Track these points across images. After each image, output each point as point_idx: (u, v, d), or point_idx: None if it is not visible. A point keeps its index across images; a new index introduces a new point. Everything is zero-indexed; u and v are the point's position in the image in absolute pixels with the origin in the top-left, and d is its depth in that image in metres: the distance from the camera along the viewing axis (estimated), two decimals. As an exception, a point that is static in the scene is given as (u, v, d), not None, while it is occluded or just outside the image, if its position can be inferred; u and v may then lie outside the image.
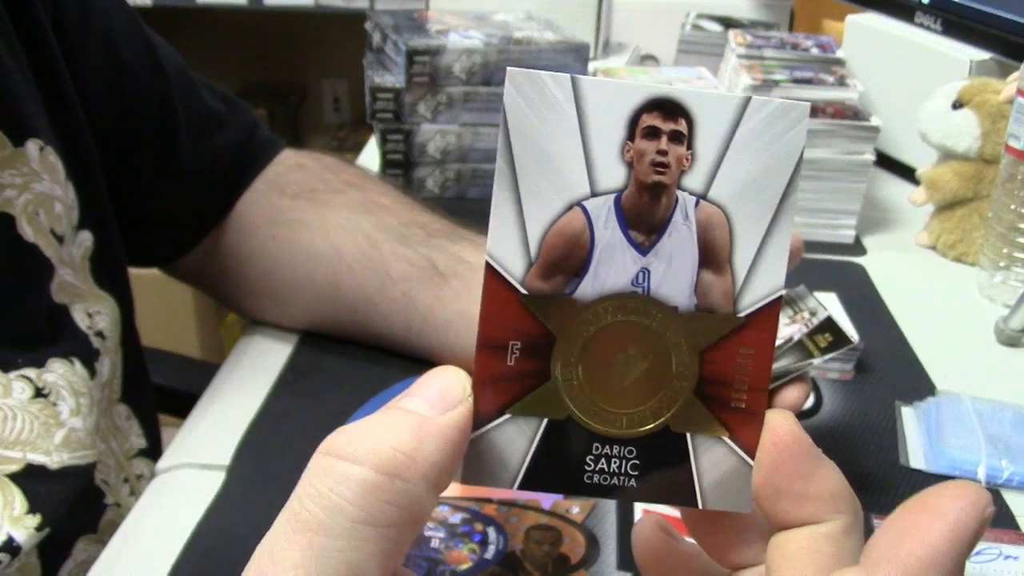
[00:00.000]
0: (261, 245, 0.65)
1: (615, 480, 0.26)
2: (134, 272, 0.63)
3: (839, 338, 0.51)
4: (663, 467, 0.26)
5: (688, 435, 0.26)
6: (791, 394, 0.51)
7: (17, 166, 0.50)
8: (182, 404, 0.65)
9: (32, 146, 0.51)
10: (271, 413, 0.60)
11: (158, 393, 0.68)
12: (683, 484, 0.26)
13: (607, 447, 0.26)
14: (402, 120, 0.90)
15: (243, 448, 0.56)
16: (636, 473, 0.26)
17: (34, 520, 0.49)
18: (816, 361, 0.51)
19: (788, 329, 0.53)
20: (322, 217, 0.64)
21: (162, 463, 0.56)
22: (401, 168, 0.92)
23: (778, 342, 0.52)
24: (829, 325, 0.52)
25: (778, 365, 0.50)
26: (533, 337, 0.25)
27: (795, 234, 0.53)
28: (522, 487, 0.26)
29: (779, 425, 0.25)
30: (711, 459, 0.26)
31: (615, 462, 0.26)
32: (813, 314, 0.53)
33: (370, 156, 0.97)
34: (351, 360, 0.65)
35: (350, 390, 0.62)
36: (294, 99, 2.45)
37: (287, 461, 0.55)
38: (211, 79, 0.68)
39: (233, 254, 0.66)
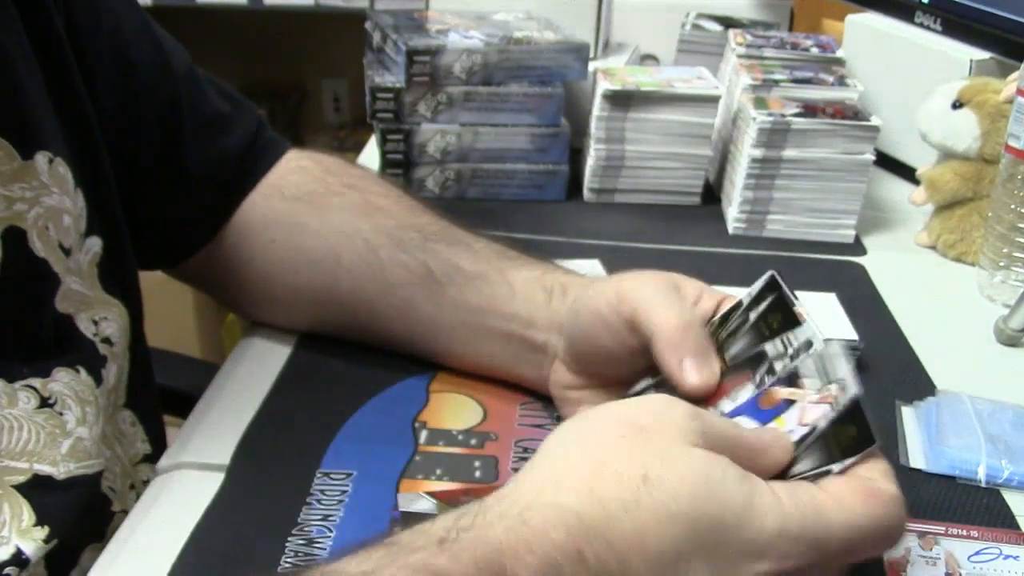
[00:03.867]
0: (261, 248, 0.65)
1: None
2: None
3: (863, 435, 0.42)
4: None
5: None
6: None
7: (27, 180, 0.50)
8: (182, 404, 0.65)
9: (41, 159, 0.51)
10: (271, 413, 0.60)
11: (159, 393, 0.68)
12: None
13: None
14: (402, 120, 0.90)
15: (243, 448, 0.56)
16: None
17: (42, 532, 0.48)
18: (835, 468, 0.42)
19: (814, 412, 0.44)
20: (321, 221, 0.64)
21: (162, 463, 0.56)
22: (401, 168, 0.92)
23: (803, 430, 0.43)
24: (855, 413, 0.42)
25: (798, 468, 0.42)
26: None
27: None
28: None
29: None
30: None
31: None
32: (843, 389, 0.43)
33: (370, 156, 0.97)
34: (351, 360, 0.65)
35: (350, 390, 0.62)
36: (294, 99, 2.45)
37: (287, 461, 0.56)
38: (212, 79, 0.68)
39: (234, 257, 0.66)
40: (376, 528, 0.50)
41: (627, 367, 0.53)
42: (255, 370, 0.64)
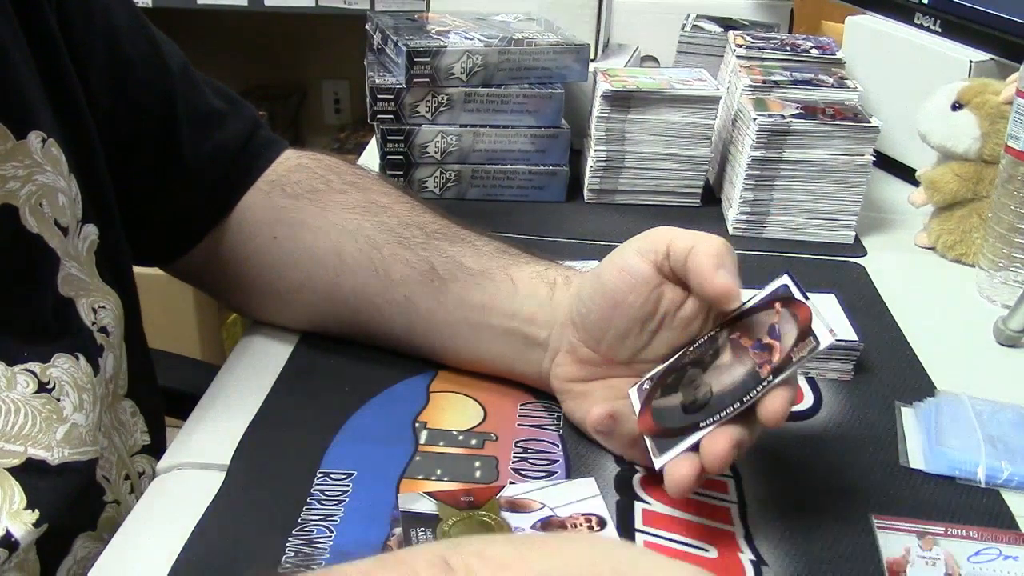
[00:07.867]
0: (263, 245, 0.65)
1: None
2: (136, 271, 0.63)
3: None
4: None
5: None
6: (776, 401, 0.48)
7: (20, 158, 0.50)
8: (183, 404, 0.65)
9: (35, 138, 0.51)
10: (271, 413, 0.60)
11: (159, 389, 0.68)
12: None
13: None
14: (402, 121, 0.90)
15: (243, 448, 0.56)
16: None
17: (32, 516, 0.49)
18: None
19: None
20: (323, 218, 0.64)
21: (162, 463, 0.57)
22: (401, 169, 0.92)
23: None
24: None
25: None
26: None
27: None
28: None
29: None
30: None
31: None
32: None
33: (371, 157, 0.97)
34: (351, 360, 0.65)
35: (350, 390, 0.62)
36: (294, 100, 2.45)
37: (287, 461, 0.56)
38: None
39: (235, 254, 0.66)
40: (376, 528, 0.50)
41: (640, 338, 0.53)
42: (255, 370, 0.64)
